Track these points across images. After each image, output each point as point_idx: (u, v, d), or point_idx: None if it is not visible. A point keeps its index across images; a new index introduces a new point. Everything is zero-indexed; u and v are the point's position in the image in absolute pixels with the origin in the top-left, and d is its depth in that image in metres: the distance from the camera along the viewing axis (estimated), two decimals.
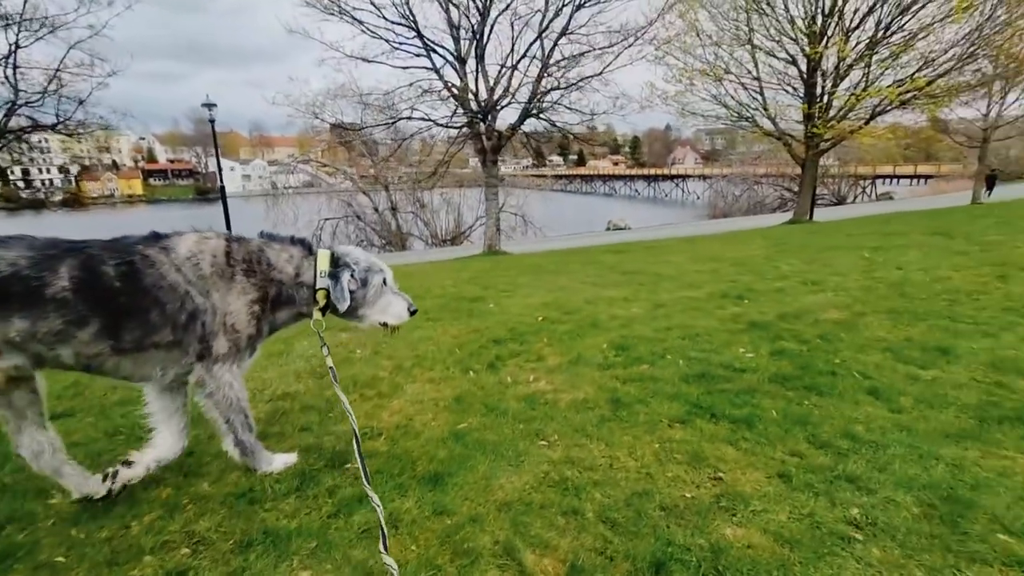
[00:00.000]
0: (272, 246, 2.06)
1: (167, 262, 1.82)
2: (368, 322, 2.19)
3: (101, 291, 1.70)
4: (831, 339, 3.64)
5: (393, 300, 2.18)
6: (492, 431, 2.43)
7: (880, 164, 49.10)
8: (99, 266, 1.71)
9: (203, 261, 1.88)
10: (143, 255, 1.80)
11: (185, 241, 1.90)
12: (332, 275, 2.04)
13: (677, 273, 6.39)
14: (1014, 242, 7.14)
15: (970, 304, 4.41)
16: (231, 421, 2.01)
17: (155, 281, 1.78)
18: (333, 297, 2.03)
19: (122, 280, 1.73)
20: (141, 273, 1.76)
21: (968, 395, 2.71)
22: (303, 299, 2.07)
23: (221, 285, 1.89)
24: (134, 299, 1.74)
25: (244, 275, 1.93)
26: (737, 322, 4.09)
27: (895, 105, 16.46)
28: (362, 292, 2.10)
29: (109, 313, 1.71)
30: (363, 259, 2.14)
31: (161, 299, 1.79)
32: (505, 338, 3.88)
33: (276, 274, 2.01)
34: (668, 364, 3.23)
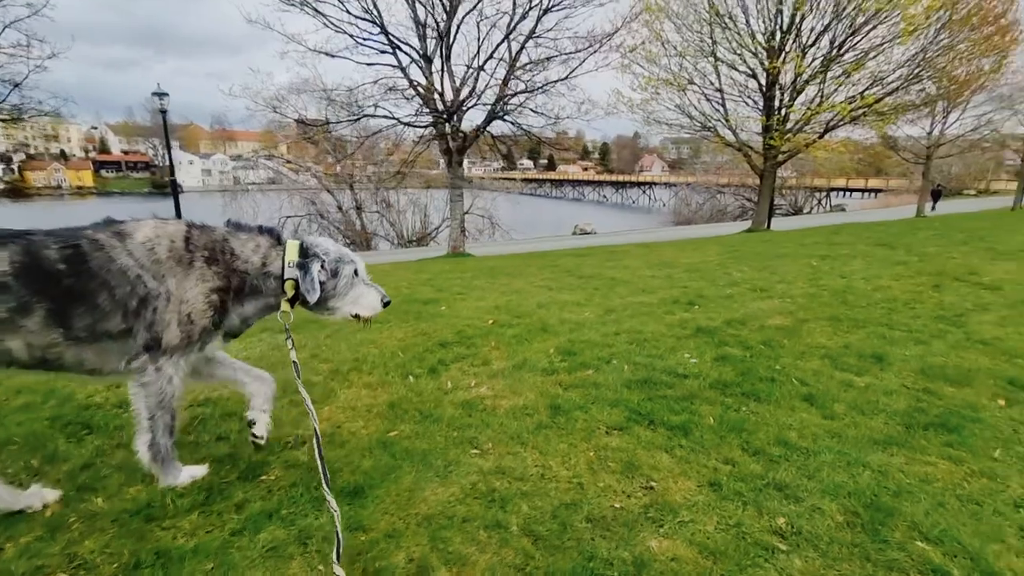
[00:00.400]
0: (238, 235, 1.97)
1: (119, 246, 1.73)
2: (340, 314, 2.12)
3: (44, 274, 1.62)
4: (774, 345, 3.69)
5: (365, 291, 2.12)
6: (424, 439, 2.33)
7: (834, 177, 51.29)
8: (42, 250, 1.63)
9: (159, 246, 1.79)
10: (91, 239, 1.72)
11: (143, 227, 1.81)
12: (301, 266, 1.96)
13: (632, 278, 6.42)
14: (949, 253, 7.50)
15: (906, 312, 4.57)
16: (155, 419, 1.87)
17: (103, 264, 1.69)
18: (303, 288, 1.95)
19: (67, 263, 1.65)
20: (87, 256, 1.68)
21: (897, 402, 2.78)
22: (271, 290, 1.99)
23: (178, 271, 1.79)
24: (80, 282, 1.66)
25: (204, 263, 1.84)
26: (685, 327, 4.11)
27: (847, 120, 17.19)
28: (332, 283, 2.03)
29: (54, 298, 1.63)
30: (333, 250, 2.07)
31: (110, 282, 1.69)
32: (452, 341, 3.78)
33: (240, 264, 1.92)
34: (612, 370, 3.19)
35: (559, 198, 77.11)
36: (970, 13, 15.42)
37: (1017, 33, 17.28)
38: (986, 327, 4.11)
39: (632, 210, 59.80)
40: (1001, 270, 6.16)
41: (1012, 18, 16.62)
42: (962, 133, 23.31)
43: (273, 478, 2.01)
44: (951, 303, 4.84)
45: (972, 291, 5.27)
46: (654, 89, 18.98)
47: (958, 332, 3.98)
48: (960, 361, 3.39)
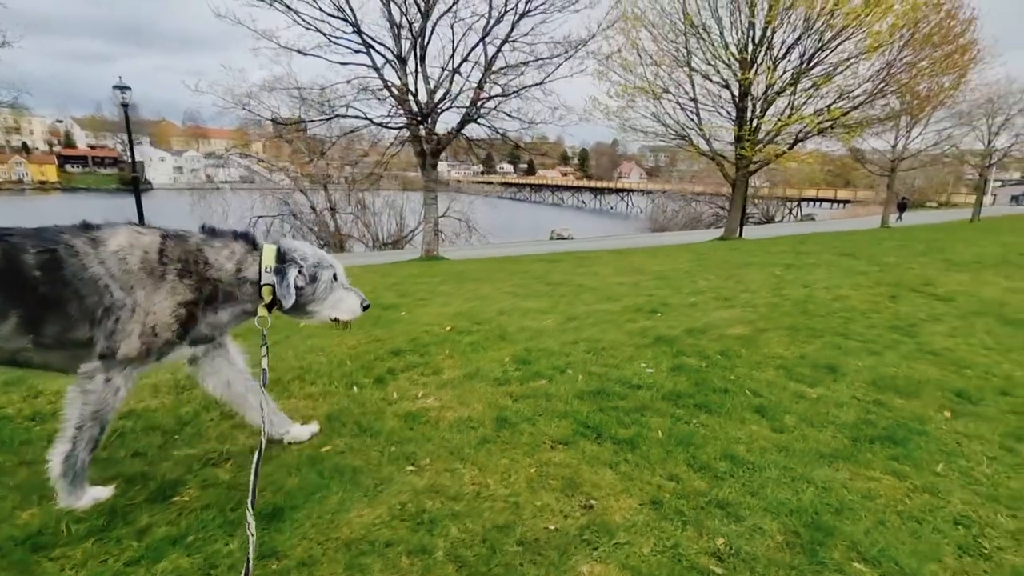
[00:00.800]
0: (212, 243, 1.92)
1: (92, 253, 1.69)
2: (319, 318, 2.11)
3: (21, 281, 1.60)
4: (731, 355, 3.67)
5: (344, 296, 2.10)
6: (358, 455, 2.21)
7: (805, 187, 52.77)
8: (20, 255, 1.60)
9: (131, 256, 1.75)
10: (67, 244, 1.68)
11: (117, 235, 1.77)
12: (278, 271, 1.93)
13: (599, 285, 6.39)
14: (908, 264, 7.69)
15: (863, 322, 4.63)
16: (83, 429, 1.76)
17: (76, 272, 1.66)
18: (279, 294, 1.92)
19: (42, 269, 1.62)
20: (63, 263, 1.65)
21: (847, 414, 2.76)
22: (246, 296, 1.94)
23: (148, 283, 1.76)
24: (54, 290, 1.63)
25: (176, 275, 1.80)
26: (645, 336, 4.07)
27: (814, 132, 17.63)
28: (311, 288, 2.01)
29: (29, 305, 1.61)
30: (311, 254, 2.04)
31: (80, 291, 1.66)
32: (405, 349, 3.66)
33: (214, 272, 1.88)
34: (566, 380, 3.12)
35: (538, 203, 77.41)
36: (932, 32, 16.01)
37: (975, 52, 18.02)
38: (937, 338, 4.17)
39: (610, 216, 60.35)
40: (955, 281, 6.32)
41: (970, 38, 17.29)
42: (924, 148, 24.18)
43: (186, 499, 1.87)
44: (906, 313, 4.92)
45: (926, 301, 5.38)
46: (630, 97, 19.19)
47: (911, 343, 4.03)
48: (911, 372, 3.41)
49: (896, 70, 16.12)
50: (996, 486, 2.15)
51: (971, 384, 3.23)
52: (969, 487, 2.14)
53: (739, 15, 17.30)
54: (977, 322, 4.62)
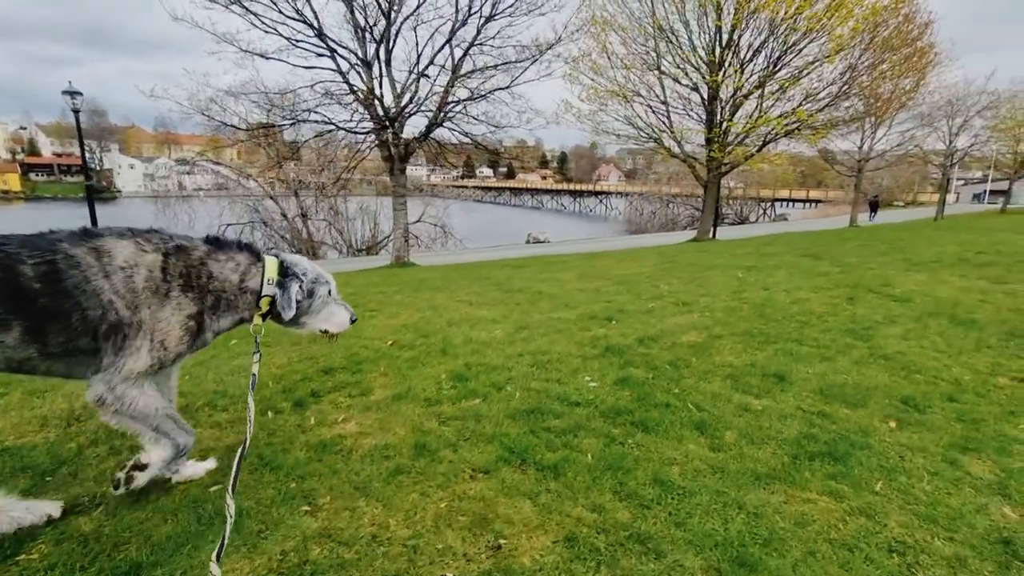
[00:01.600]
0: (217, 256, 1.95)
1: (96, 266, 1.70)
2: (309, 329, 2.20)
3: (21, 293, 1.60)
4: (680, 365, 3.54)
5: (336, 310, 2.22)
6: (250, 494, 2.00)
7: (779, 188, 53.79)
8: (17, 265, 1.60)
9: (137, 275, 1.76)
10: (67, 255, 1.67)
11: (122, 248, 1.77)
12: (280, 284, 2.01)
13: (560, 292, 6.25)
14: (869, 264, 7.72)
15: (819, 326, 4.56)
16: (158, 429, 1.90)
17: (78, 284, 1.67)
18: (279, 306, 2.00)
19: (42, 281, 1.62)
20: (63, 274, 1.65)
21: (790, 427, 2.64)
22: (246, 304, 2.01)
23: (154, 302, 1.79)
24: (55, 301, 1.63)
25: (181, 290, 1.84)
26: (595, 346, 3.92)
27: (781, 134, 17.87)
28: (307, 302, 2.10)
29: (31, 316, 1.62)
30: (310, 270, 2.14)
31: (82, 304, 1.67)
32: (338, 367, 3.45)
33: (217, 284, 1.93)
34: (502, 398, 2.94)
35: (518, 206, 77.43)
36: (891, 36, 16.36)
37: (932, 56, 18.49)
38: (891, 341, 4.11)
39: (589, 218, 60.56)
40: (912, 281, 6.34)
41: (928, 41, 17.72)
42: (889, 148, 24.77)
43: (33, 557, 1.64)
44: (862, 316, 4.87)
45: (883, 303, 5.35)
46: (600, 100, 19.23)
47: (863, 347, 3.96)
48: (860, 379, 3.32)
49: (858, 73, 16.41)
50: (935, 504, 2.04)
51: (919, 390, 3.15)
52: (908, 507, 2.03)
53: (706, 19, 17.47)
54: (931, 323, 4.59)
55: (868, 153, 24.28)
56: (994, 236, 11.52)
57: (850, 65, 16.60)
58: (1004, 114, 26.07)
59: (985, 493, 2.13)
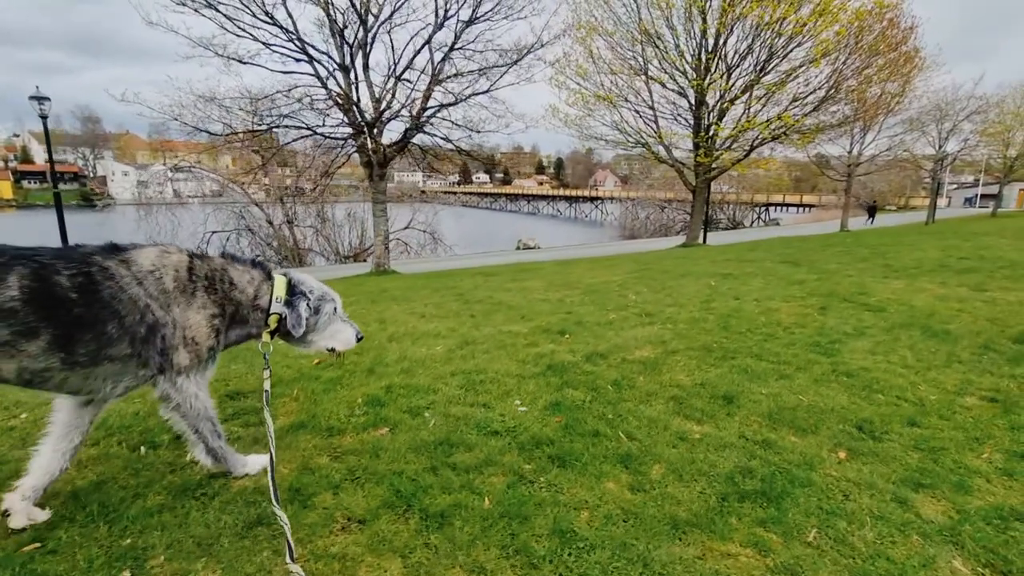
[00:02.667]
0: (235, 266, 2.04)
1: (128, 275, 1.77)
2: (315, 347, 2.25)
3: (56, 302, 1.62)
4: (623, 385, 3.26)
5: (342, 328, 2.26)
6: (67, 554, 1.69)
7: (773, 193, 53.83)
8: (53, 276, 1.63)
9: (166, 276, 1.85)
10: (101, 267, 1.74)
11: (147, 254, 1.85)
12: (289, 303, 2.06)
13: (521, 302, 5.97)
14: (847, 271, 7.47)
15: (783, 339, 4.29)
16: (200, 430, 2.01)
17: (114, 293, 1.73)
18: (288, 324, 2.05)
19: (79, 291, 1.66)
20: (99, 285, 1.70)
21: (726, 460, 2.36)
22: (256, 321, 2.07)
23: (182, 300, 1.87)
24: (91, 311, 1.68)
25: (205, 291, 1.93)
26: (538, 364, 3.64)
27: (768, 139, 17.71)
28: (314, 320, 2.14)
29: (63, 324, 1.64)
30: (316, 288, 2.18)
31: (120, 311, 1.73)
32: (248, 391, 3.16)
33: (236, 294, 2.00)
34: (414, 426, 2.66)
35: (515, 212, 77.17)
36: (876, 41, 16.23)
37: (919, 61, 18.39)
38: (857, 356, 3.85)
39: (584, 224, 60.25)
40: (889, 289, 6.08)
41: (913, 46, 17.62)
42: (878, 152, 24.67)
43: None
44: (832, 327, 4.61)
45: (855, 313, 5.09)
46: (585, 104, 19.06)
47: (826, 363, 3.69)
48: (816, 399, 3.05)
49: (844, 77, 16.27)
50: (875, 557, 1.76)
51: (879, 413, 2.88)
52: (842, 561, 1.75)
53: (692, 24, 17.34)
54: (902, 335, 4.32)
55: (858, 158, 24.18)
56: (979, 241, 11.31)
57: (836, 69, 16.48)
58: (993, 118, 26.04)
59: (935, 541, 1.85)
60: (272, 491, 1.64)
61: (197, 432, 1.99)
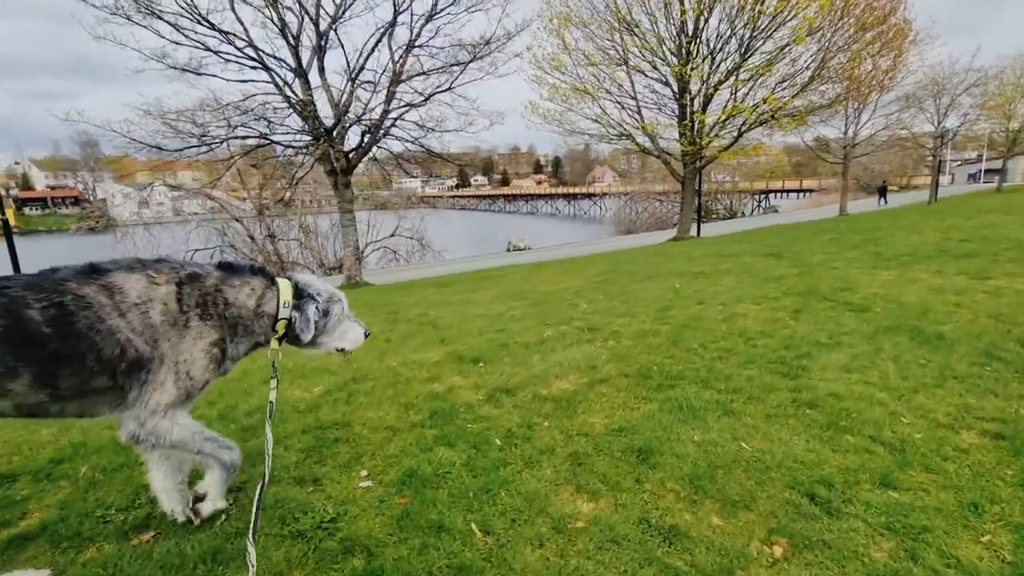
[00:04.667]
0: (231, 282, 1.88)
1: (108, 304, 1.63)
2: (325, 348, 2.15)
3: (29, 339, 1.51)
4: (517, 437, 2.54)
5: (351, 327, 2.18)
6: None
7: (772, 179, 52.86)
8: (24, 310, 1.51)
9: (152, 310, 1.70)
10: (75, 295, 1.59)
11: (133, 283, 1.68)
12: (297, 307, 1.97)
13: (454, 319, 5.25)
14: (833, 262, 6.68)
15: (743, 354, 3.54)
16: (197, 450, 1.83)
17: (91, 324, 1.59)
18: (298, 328, 1.96)
19: (51, 325, 1.53)
20: (74, 316, 1.57)
21: (608, 570, 1.63)
22: (263, 329, 1.95)
23: (172, 334, 1.72)
24: (66, 344, 1.55)
25: (200, 319, 1.78)
26: (421, 410, 2.92)
27: (756, 124, 16.89)
28: (324, 321, 2.05)
29: (41, 361, 1.53)
30: (323, 289, 2.09)
31: (97, 344, 1.59)
32: (45, 442, 2.45)
33: (234, 311, 1.87)
34: (181, 529, 1.94)
35: (513, 212, 76.35)
36: (864, 15, 15.37)
37: (911, 34, 17.49)
38: (828, 375, 3.10)
39: (582, 221, 59.19)
40: (878, 282, 5.31)
41: (902, 16, 16.74)
42: (875, 132, 23.72)
43: None
44: (803, 336, 3.86)
45: (835, 315, 4.33)
46: (563, 99, 18.33)
47: (787, 388, 2.94)
48: (764, 447, 2.31)
49: (831, 54, 15.44)
50: None
51: (843, 466, 2.14)
52: None
53: (670, 9, 16.59)
54: (886, 343, 3.57)
55: (854, 139, 23.25)
56: (983, 219, 10.44)
57: (822, 47, 15.64)
58: (993, 91, 25.01)
59: None
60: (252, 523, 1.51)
61: (198, 452, 1.84)
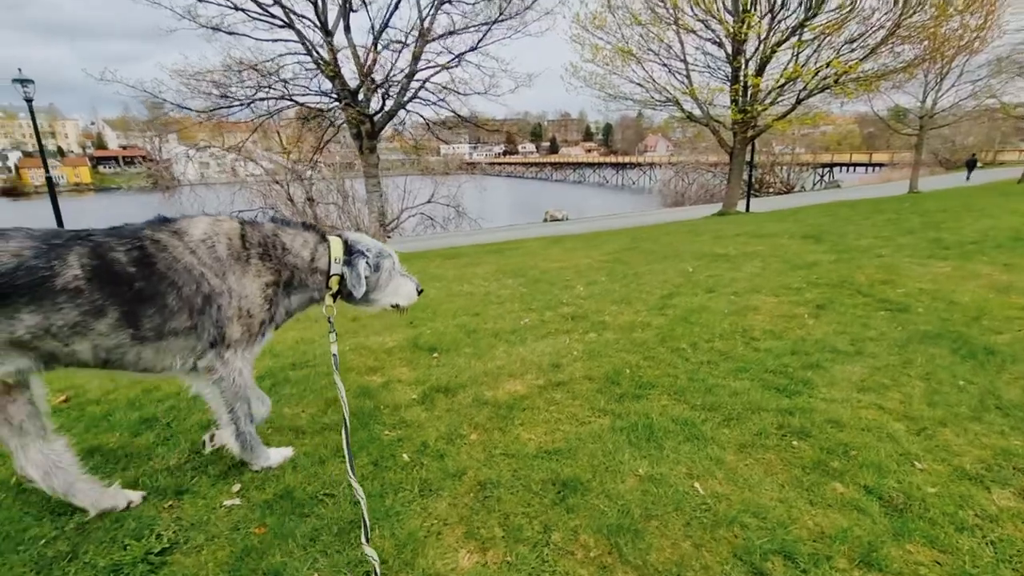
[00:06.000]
0: (286, 231, 1.95)
1: (180, 244, 1.71)
2: (379, 305, 2.16)
3: (116, 277, 1.58)
4: (428, 453, 2.15)
5: (403, 283, 2.17)
6: None
7: (839, 152, 49.01)
8: (109, 252, 1.59)
9: (219, 244, 1.77)
10: (153, 239, 1.68)
11: (198, 224, 1.78)
12: (347, 262, 2.00)
13: (439, 298, 4.87)
14: (881, 248, 5.81)
15: (736, 360, 3.00)
16: (235, 411, 1.90)
17: (170, 264, 1.67)
18: (349, 284, 2.00)
19: (136, 265, 1.61)
20: (154, 257, 1.65)
21: None
22: (316, 285, 2.00)
23: (237, 268, 1.79)
24: (150, 283, 1.63)
25: (259, 259, 1.84)
26: (337, 411, 2.57)
27: (816, 90, 15.27)
28: (375, 277, 2.07)
29: (126, 300, 1.59)
30: (373, 245, 2.10)
31: (177, 282, 1.68)
32: None
33: (291, 258, 1.92)
34: None
35: (560, 181, 74.65)
36: None
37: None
38: (835, 393, 2.54)
39: (630, 192, 56.95)
40: (929, 275, 4.51)
41: None
42: (958, 100, 21.09)
43: None
44: (819, 339, 3.25)
45: (864, 314, 3.66)
46: (606, 61, 17.20)
47: (777, 410, 2.41)
48: (721, 493, 1.83)
49: (909, 9, 13.57)
50: None
51: (820, 530, 1.65)
52: None
53: None
54: (919, 355, 2.92)
55: (932, 108, 20.77)
56: None
57: (901, 1, 13.74)
58: None
59: None
60: (348, 463, 1.59)
61: (231, 412, 1.89)
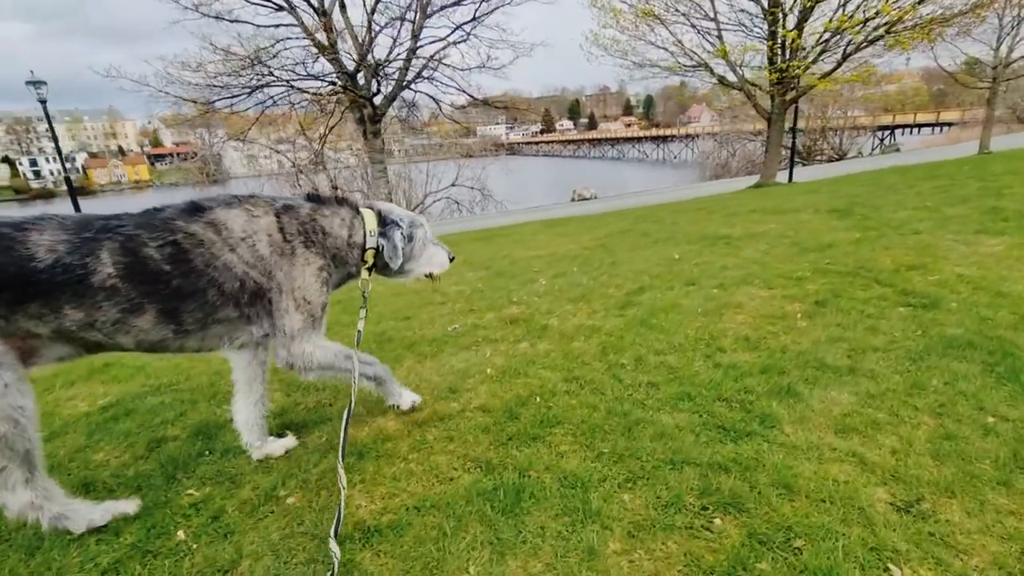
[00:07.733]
0: (323, 212, 1.91)
1: (218, 240, 1.66)
2: (413, 276, 2.16)
3: (151, 275, 1.55)
4: (225, 520, 1.63)
5: (436, 251, 2.16)
6: None
7: (903, 113, 45.01)
8: (142, 248, 1.55)
9: (259, 242, 1.73)
10: (187, 232, 1.62)
11: (235, 219, 1.71)
12: (383, 234, 1.99)
13: (384, 296, 4.34)
14: (918, 222, 4.79)
15: (683, 383, 2.32)
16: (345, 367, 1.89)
17: (208, 260, 1.63)
18: (386, 256, 1.99)
19: (171, 261, 1.58)
20: (190, 252, 1.61)
21: None
22: (354, 259, 1.99)
23: (283, 263, 1.77)
24: (188, 280, 1.60)
25: (304, 246, 1.83)
26: (154, 452, 2.09)
27: (864, 43, 13.58)
28: (409, 247, 2.06)
29: (164, 297, 1.58)
30: (406, 215, 2.09)
31: (217, 279, 1.65)
32: None
33: (332, 240, 1.91)
34: None
35: (599, 158, 72.38)
36: None
37: None
38: (801, 437, 1.84)
39: (673, 166, 54.27)
40: (973, 256, 3.59)
41: None
42: None
43: None
44: (806, 349, 2.51)
45: (877, 312, 2.86)
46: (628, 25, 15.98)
47: (709, 462, 1.74)
48: None
49: None
50: None
51: None
52: None
53: None
54: (936, 374, 2.15)
55: (1007, 57, 18.27)
56: None
57: None
58: None
59: None
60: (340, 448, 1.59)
61: (347, 371, 1.89)
